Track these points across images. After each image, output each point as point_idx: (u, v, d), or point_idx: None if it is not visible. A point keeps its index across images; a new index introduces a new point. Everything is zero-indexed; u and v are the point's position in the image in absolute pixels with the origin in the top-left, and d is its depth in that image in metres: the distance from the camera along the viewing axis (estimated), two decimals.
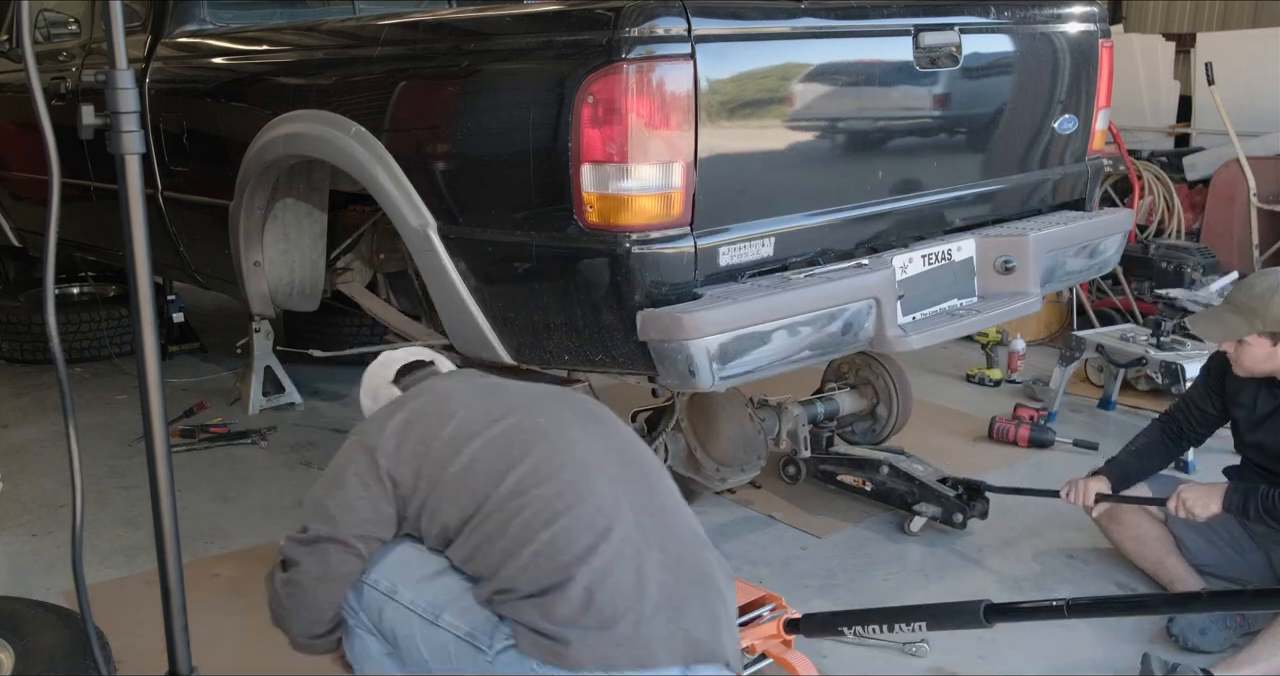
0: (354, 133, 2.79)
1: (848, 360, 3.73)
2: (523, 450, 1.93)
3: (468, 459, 1.93)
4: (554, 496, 1.86)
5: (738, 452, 3.26)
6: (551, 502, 1.85)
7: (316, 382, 4.94)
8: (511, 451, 1.93)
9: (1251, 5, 7.09)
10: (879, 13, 2.79)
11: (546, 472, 1.90)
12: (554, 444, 1.95)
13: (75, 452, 1.72)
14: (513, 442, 1.95)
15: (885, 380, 3.65)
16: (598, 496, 1.88)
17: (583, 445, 1.98)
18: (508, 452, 1.93)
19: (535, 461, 1.91)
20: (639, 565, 1.82)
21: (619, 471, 1.97)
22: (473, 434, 1.96)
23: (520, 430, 1.97)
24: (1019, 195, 3.31)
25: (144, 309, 1.75)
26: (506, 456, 1.93)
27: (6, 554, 3.38)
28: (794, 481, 3.76)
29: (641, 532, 1.87)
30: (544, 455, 1.93)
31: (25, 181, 4.68)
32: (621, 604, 1.78)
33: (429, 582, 1.95)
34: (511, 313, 2.62)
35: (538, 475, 1.89)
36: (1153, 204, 5.86)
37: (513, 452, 1.93)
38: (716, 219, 2.47)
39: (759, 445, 3.29)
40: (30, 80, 1.66)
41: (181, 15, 3.69)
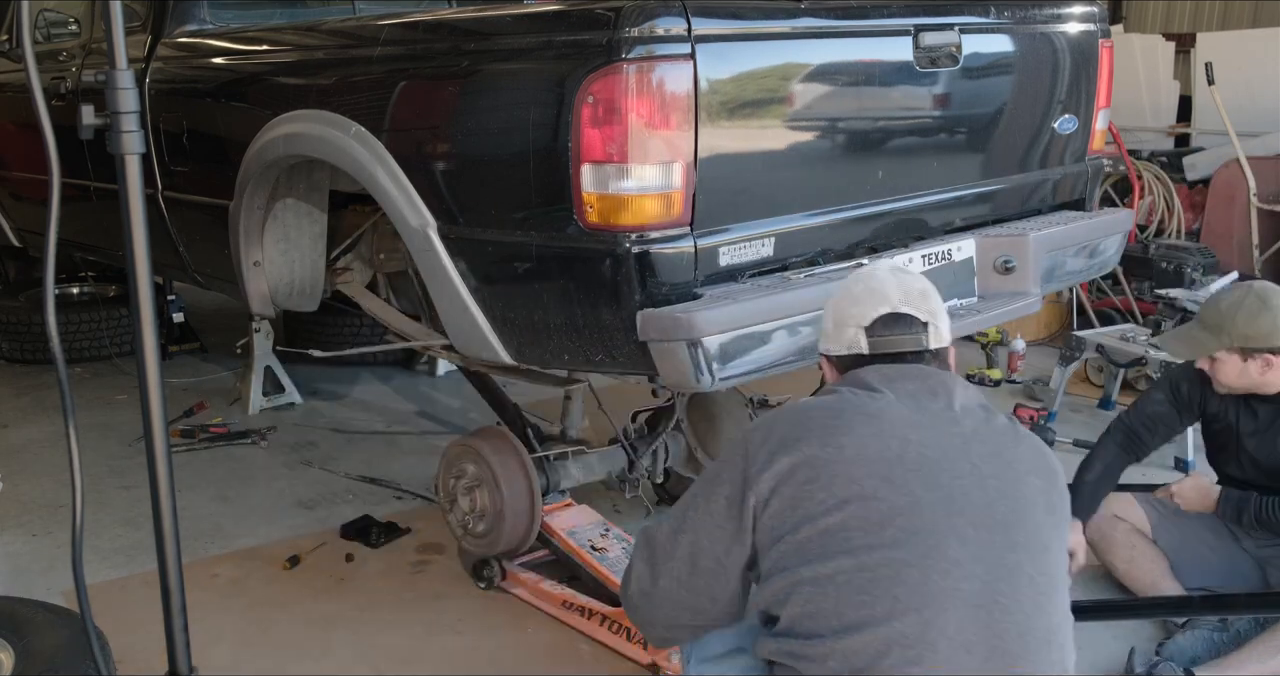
0: (354, 133, 2.78)
1: None
2: (896, 536, 1.59)
3: (834, 523, 1.61)
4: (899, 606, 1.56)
5: None
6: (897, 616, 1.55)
7: (316, 382, 4.94)
8: (883, 533, 1.59)
9: (1251, 5, 7.08)
10: (879, 13, 2.79)
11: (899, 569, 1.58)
12: (929, 544, 1.59)
13: (75, 452, 1.73)
14: (893, 525, 1.59)
15: None
16: (947, 638, 1.55)
17: (960, 553, 1.59)
18: (878, 533, 1.59)
19: (901, 556, 1.58)
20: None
21: (983, 590, 1.58)
22: (841, 505, 1.61)
23: (906, 518, 1.60)
24: (1019, 195, 3.31)
25: (144, 309, 1.75)
26: (875, 535, 1.59)
27: (6, 554, 3.38)
28: None
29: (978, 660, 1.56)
30: (911, 552, 1.58)
31: (25, 181, 4.67)
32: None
33: (718, 662, 1.82)
34: (511, 313, 2.62)
35: (893, 569, 1.57)
36: (1153, 204, 5.85)
37: (883, 535, 1.59)
38: (716, 219, 2.47)
39: None
40: (30, 80, 1.66)
41: (181, 15, 3.69)
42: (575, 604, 2.89)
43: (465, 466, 3.06)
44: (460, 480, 3.07)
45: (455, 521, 3.11)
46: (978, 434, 1.69)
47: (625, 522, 3.51)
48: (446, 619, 2.99)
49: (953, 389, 1.73)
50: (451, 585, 3.17)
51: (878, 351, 1.78)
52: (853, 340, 1.80)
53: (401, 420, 4.55)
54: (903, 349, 1.78)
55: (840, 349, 1.83)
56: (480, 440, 3.05)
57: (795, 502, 1.61)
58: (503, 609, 3.03)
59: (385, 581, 3.20)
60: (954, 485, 1.62)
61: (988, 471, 1.64)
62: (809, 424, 1.68)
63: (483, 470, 2.99)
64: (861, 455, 1.62)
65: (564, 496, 3.22)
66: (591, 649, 2.82)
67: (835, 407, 1.70)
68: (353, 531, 3.45)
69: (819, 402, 1.75)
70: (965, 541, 1.58)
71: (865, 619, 1.54)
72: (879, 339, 1.79)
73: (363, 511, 3.59)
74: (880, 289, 1.81)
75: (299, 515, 3.64)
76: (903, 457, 1.62)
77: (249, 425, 4.42)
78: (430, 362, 5.11)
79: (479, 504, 3.01)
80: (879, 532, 1.57)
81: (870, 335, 1.79)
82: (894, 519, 1.58)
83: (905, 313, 1.79)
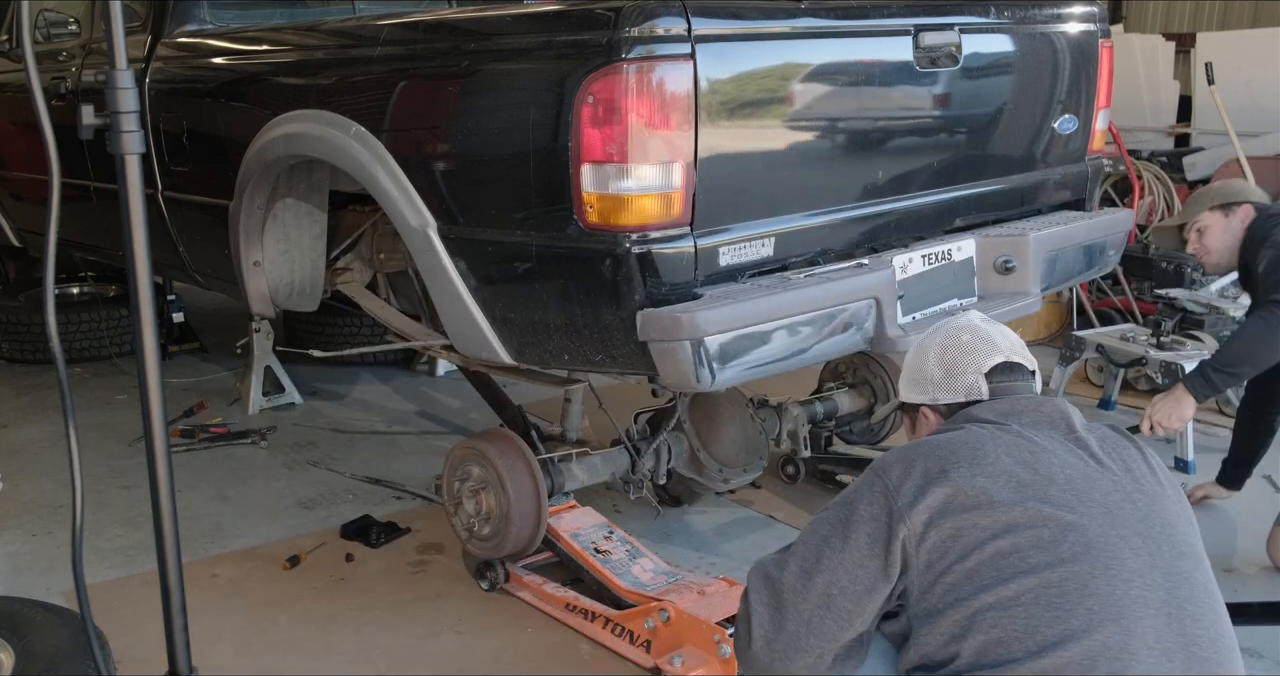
0: (354, 133, 2.78)
1: (846, 360, 3.74)
2: (1059, 559, 1.57)
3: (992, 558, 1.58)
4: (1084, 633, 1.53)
5: (740, 453, 3.27)
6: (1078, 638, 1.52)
7: (316, 382, 4.94)
8: (1048, 559, 1.57)
9: (1251, 5, 7.08)
10: (879, 13, 2.79)
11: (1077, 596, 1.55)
12: (1098, 563, 1.57)
13: (75, 452, 1.73)
14: (1053, 547, 1.58)
15: (882, 380, 3.66)
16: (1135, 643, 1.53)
17: (1131, 569, 1.58)
18: (1043, 561, 1.57)
19: (1069, 580, 1.55)
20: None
21: (1162, 607, 1.57)
22: (1007, 529, 1.59)
23: (1066, 540, 1.58)
24: (1019, 195, 3.31)
25: (144, 309, 1.75)
26: (1041, 564, 1.57)
27: (6, 554, 3.38)
28: (793, 481, 3.76)
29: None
30: (1081, 572, 1.56)
31: (25, 181, 4.68)
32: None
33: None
34: (511, 313, 2.62)
35: (1067, 600, 1.54)
36: (1153, 204, 5.85)
37: (1049, 560, 1.57)
38: (716, 219, 2.47)
39: (761, 445, 3.31)
40: (30, 80, 1.66)
41: (181, 15, 3.69)
42: (579, 606, 2.88)
43: (471, 469, 3.02)
44: (466, 482, 3.03)
45: (460, 524, 3.08)
46: (1106, 451, 1.72)
47: (626, 523, 3.51)
48: (446, 619, 2.99)
49: (1068, 414, 1.77)
50: (451, 585, 3.17)
51: (995, 396, 1.82)
52: (972, 386, 1.82)
53: (401, 420, 4.55)
54: (1020, 395, 1.82)
55: (958, 396, 1.84)
56: (486, 442, 3.02)
57: (957, 532, 1.59)
58: (503, 609, 3.03)
59: (385, 581, 3.20)
60: (1108, 501, 1.64)
61: (1129, 487, 1.67)
62: (951, 456, 1.66)
63: (489, 473, 2.95)
64: (1015, 480, 1.63)
65: (568, 498, 3.20)
66: (592, 649, 2.82)
67: (972, 440, 1.70)
68: (353, 531, 3.45)
69: (950, 437, 1.73)
70: (1137, 552, 1.59)
71: (1064, 634, 1.51)
72: (999, 385, 1.82)
73: (363, 511, 3.59)
74: (989, 338, 1.86)
75: (299, 515, 3.64)
76: (1053, 479, 1.64)
77: (249, 425, 4.42)
78: (430, 362, 5.11)
79: (485, 506, 2.97)
80: (1054, 549, 1.57)
81: (990, 381, 1.82)
82: (1065, 535, 1.58)
83: (1016, 361, 1.85)
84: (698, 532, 3.49)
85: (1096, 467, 1.68)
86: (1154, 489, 1.69)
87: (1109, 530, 1.59)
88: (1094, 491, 1.64)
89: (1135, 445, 1.77)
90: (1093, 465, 1.68)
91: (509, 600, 3.07)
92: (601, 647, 2.81)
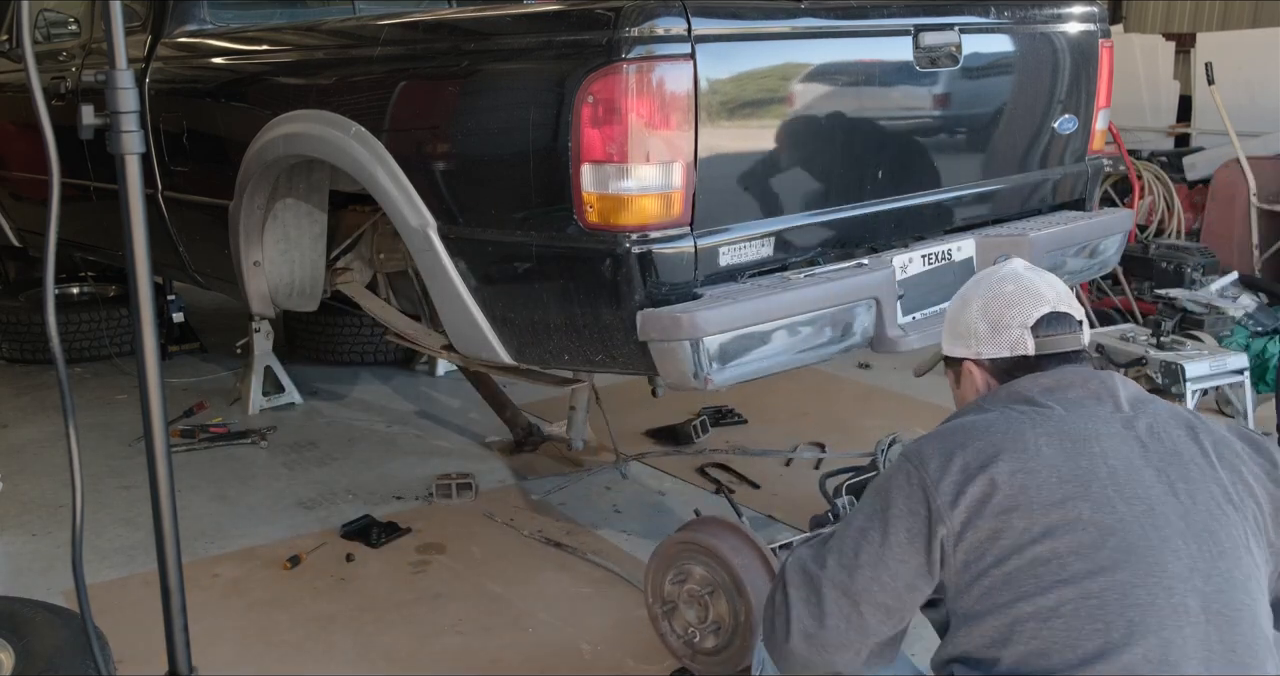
0: (354, 133, 2.79)
1: None
2: (1104, 561, 1.52)
3: (1039, 555, 1.53)
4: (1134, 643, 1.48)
5: None
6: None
7: (316, 382, 4.94)
8: (1094, 559, 1.52)
9: (1251, 5, 7.09)
10: (879, 13, 2.79)
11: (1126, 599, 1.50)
12: (1144, 563, 1.52)
13: (75, 452, 1.73)
14: (1097, 548, 1.52)
15: None
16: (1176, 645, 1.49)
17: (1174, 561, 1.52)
18: (1089, 561, 1.52)
19: (1118, 583, 1.50)
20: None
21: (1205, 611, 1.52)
22: (1046, 533, 1.53)
23: (1110, 533, 1.53)
24: (1019, 195, 3.31)
25: (144, 309, 1.75)
26: (1087, 564, 1.52)
27: (6, 554, 3.38)
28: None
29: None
30: (1128, 577, 1.51)
31: (25, 181, 4.68)
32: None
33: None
34: (511, 313, 2.62)
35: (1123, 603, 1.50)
36: (1153, 204, 5.86)
37: (1095, 560, 1.52)
38: (716, 219, 2.47)
39: None
40: (30, 80, 1.66)
41: (181, 15, 3.69)
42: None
43: (690, 568, 2.52)
44: (684, 585, 2.53)
45: (675, 637, 2.57)
46: (1154, 433, 1.62)
47: (626, 522, 3.51)
48: (447, 619, 2.98)
49: (1115, 388, 1.67)
50: (452, 585, 3.17)
51: (1044, 351, 1.72)
52: (1017, 340, 1.73)
53: (401, 420, 4.55)
54: (1066, 348, 1.72)
55: (1002, 351, 1.74)
56: (709, 536, 2.50)
57: (995, 534, 1.54)
58: (503, 609, 3.03)
59: (385, 581, 3.20)
60: (1150, 496, 1.56)
61: (1175, 475, 1.59)
62: (990, 447, 1.58)
63: (717, 573, 2.46)
64: (1056, 476, 1.55)
65: None
66: (592, 649, 2.82)
67: (1012, 428, 1.61)
68: (353, 531, 3.45)
69: (987, 422, 1.64)
70: (1179, 554, 1.53)
71: (1105, 647, 1.47)
72: (1045, 338, 1.72)
73: (363, 511, 3.59)
74: (1033, 288, 1.75)
75: (299, 515, 3.64)
76: (1095, 473, 1.56)
77: (249, 425, 4.42)
78: (430, 362, 5.11)
79: (713, 614, 2.48)
80: (1094, 555, 1.51)
81: (1036, 335, 1.72)
82: (1106, 539, 1.52)
83: (1063, 311, 1.74)
84: None
85: (1140, 454, 1.60)
86: (1201, 475, 1.59)
87: (1150, 532, 1.53)
88: (1137, 484, 1.56)
89: (1187, 422, 1.65)
90: (1137, 451, 1.60)
91: (509, 600, 3.07)
92: (604, 648, 2.81)
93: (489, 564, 3.28)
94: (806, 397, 4.71)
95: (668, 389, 2.93)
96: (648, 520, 3.55)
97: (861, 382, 4.97)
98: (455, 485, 3.72)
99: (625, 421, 4.30)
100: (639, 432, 4.24)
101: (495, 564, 3.28)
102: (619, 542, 3.39)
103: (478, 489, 3.75)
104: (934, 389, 4.87)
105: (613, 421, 3.92)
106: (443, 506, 3.67)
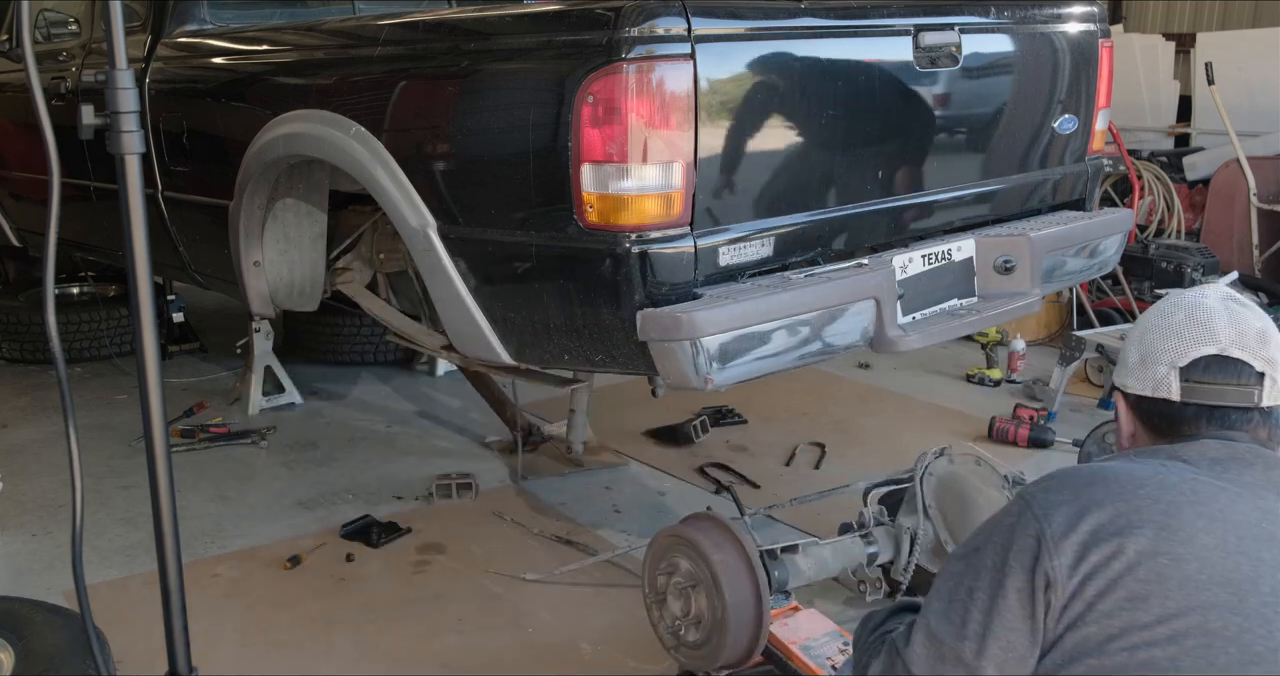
0: (354, 133, 2.78)
1: None
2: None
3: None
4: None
5: None
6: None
7: (316, 382, 4.94)
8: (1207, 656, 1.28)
9: (1251, 5, 7.08)
10: (879, 12, 2.79)
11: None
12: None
13: (75, 452, 1.73)
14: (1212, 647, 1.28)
15: None
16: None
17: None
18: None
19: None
20: None
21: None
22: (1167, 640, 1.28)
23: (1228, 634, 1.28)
24: (1019, 195, 3.31)
25: (144, 309, 1.75)
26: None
27: (6, 554, 3.38)
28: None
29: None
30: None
31: (25, 181, 4.68)
32: None
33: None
34: (511, 313, 2.62)
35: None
36: (1153, 204, 5.85)
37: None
38: (716, 219, 2.47)
39: None
40: (30, 80, 1.66)
41: (181, 15, 3.69)
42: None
43: (677, 561, 2.54)
44: (671, 577, 2.56)
45: (664, 628, 2.58)
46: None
47: (626, 522, 3.51)
48: (447, 619, 2.99)
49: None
50: (452, 585, 3.17)
51: (1191, 400, 1.44)
52: (1161, 380, 1.45)
53: (401, 420, 4.55)
54: (1223, 402, 1.43)
55: (1145, 388, 1.48)
56: (696, 531, 2.51)
57: (1110, 614, 1.28)
58: (503, 609, 3.03)
59: (385, 581, 3.20)
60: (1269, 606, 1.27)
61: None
62: (1131, 512, 1.30)
63: (699, 568, 2.47)
64: (1204, 570, 1.27)
65: (789, 598, 2.64)
66: (592, 649, 2.82)
67: (1168, 493, 1.32)
68: (353, 531, 3.45)
69: (1141, 476, 1.36)
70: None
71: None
72: (1195, 385, 1.44)
73: (363, 511, 3.59)
74: (1207, 322, 1.45)
75: (299, 515, 3.64)
76: (1257, 584, 1.28)
77: (249, 425, 4.42)
78: (430, 362, 5.11)
79: (695, 608, 2.49)
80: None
81: (1184, 379, 1.44)
82: (1227, 649, 1.26)
83: (1236, 357, 1.43)
84: None
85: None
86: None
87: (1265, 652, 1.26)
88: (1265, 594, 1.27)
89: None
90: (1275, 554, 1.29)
91: (509, 600, 3.07)
92: (604, 648, 2.81)
93: (489, 564, 3.28)
94: (806, 397, 4.71)
95: (668, 389, 2.93)
96: (648, 520, 3.56)
97: (861, 382, 4.97)
98: (455, 485, 3.73)
99: (625, 421, 4.31)
100: (639, 432, 4.24)
101: (495, 564, 3.28)
102: (619, 542, 3.40)
103: (478, 489, 3.75)
104: (934, 389, 4.87)
105: (613, 421, 3.92)
106: (443, 506, 3.67)
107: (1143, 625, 1.26)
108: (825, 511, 3.58)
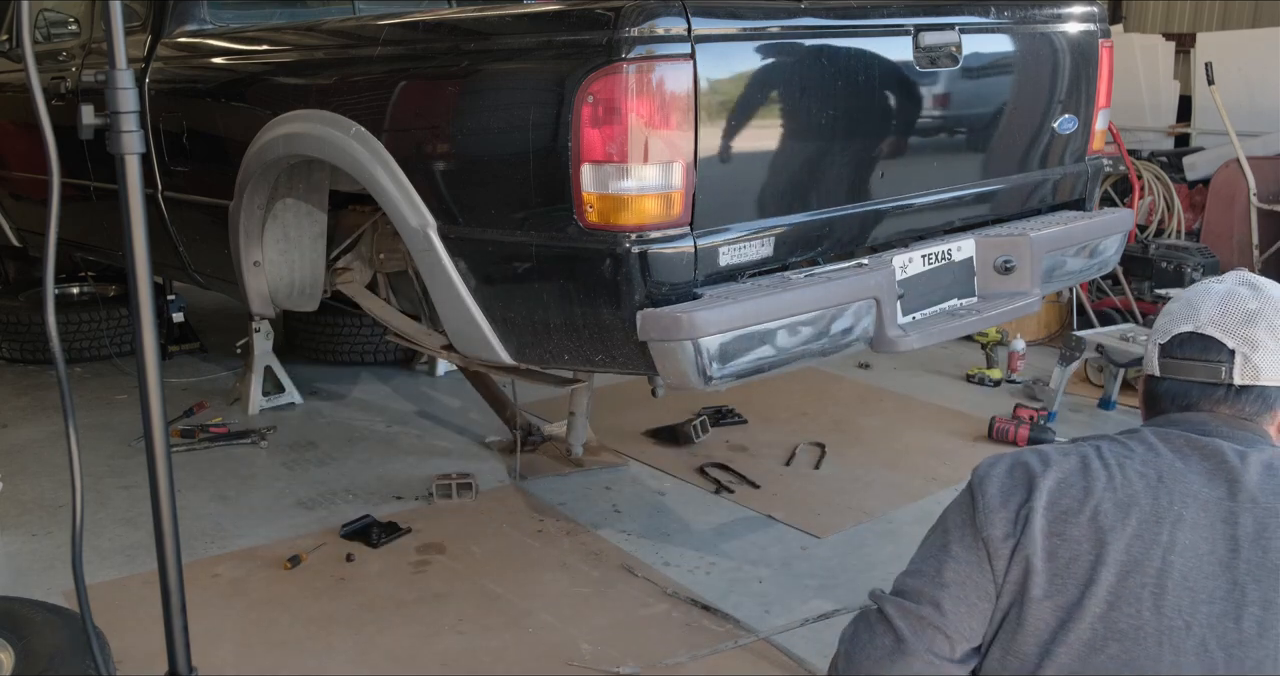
0: (354, 133, 2.79)
1: None
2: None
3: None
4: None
5: None
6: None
7: (316, 382, 4.94)
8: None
9: (1251, 5, 7.09)
10: (879, 12, 2.79)
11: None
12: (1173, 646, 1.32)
13: (75, 452, 1.73)
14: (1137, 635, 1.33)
15: None
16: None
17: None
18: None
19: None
20: None
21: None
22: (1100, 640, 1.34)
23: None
24: (1019, 195, 3.31)
25: (144, 309, 1.75)
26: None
27: (6, 554, 3.38)
28: None
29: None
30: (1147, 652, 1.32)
31: (25, 181, 4.68)
32: None
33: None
34: (511, 312, 2.62)
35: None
36: (1153, 204, 5.86)
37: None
38: (716, 219, 2.47)
39: None
40: (30, 80, 1.66)
41: (181, 15, 3.69)
42: None
43: None
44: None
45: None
46: (1260, 540, 1.32)
47: (626, 522, 3.51)
48: (447, 619, 2.99)
49: (1239, 473, 1.37)
50: (452, 585, 3.17)
51: (1166, 375, 1.50)
52: (1149, 359, 1.53)
53: (401, 420, 4.55)
54: (1190, 377, 1.47)
55: (1148, 368, 1.55)
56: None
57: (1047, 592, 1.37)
58: (503, 609, 3.03)
59: (385, 581, 3.20)
60: (1197, 615, 1.31)
61: (1254, 596, 1.30)
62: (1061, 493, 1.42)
63: None
64: (1093, 550, 1.35)
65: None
66: (592, 649, 2.82)
67: (1090, 474, 1.42)
68: (353, 531, 3.45)
69: (1076, 453, 1.49)
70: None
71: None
72: (1169, 361, 1.50)
73: (363, 511, 3.59)
74: (1196, 302, 1.50)
75: (299, 515, 3.64)
76: (1142, 564, 1.33)
77: (249, 425, 4.42)
78: (430, 362, 5.11)
79: None
80: (1089, 659, 1.32)
81: (1162, 356, 1.51)
82: (1107, 645, 1.32)
83: (1209, 334, 1.46)
84: (697, 532, 3.49)
85: (1223, 559, 1.32)
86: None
87: (1167, 654, 1.30)
88: (1189, 595, 1.31)
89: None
90: (1220, 555, 1.32)
91: (509, 600, 3.07)
92: (604, 648, 2.81)
93: (489, 564, 3.28)
94: (806, 397, 4.71)
95: (668, 389, 2.93)
96: (648, 520, 3.56)
97: (861, 382, 4.97)
98: (455, 485, 3.73)
99: (625, 421, 4.31)
100: (639, 432, 4.24)
101: (495, 564, 3.28)
102: (619, 542, 3.40)
103: (478, 489, 3.75)
104: (934, 389, 4.87)
105: (613, 421, 3.92)
106: (443, 506, 3.68)
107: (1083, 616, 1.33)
108: (825, 511, 3.59)
